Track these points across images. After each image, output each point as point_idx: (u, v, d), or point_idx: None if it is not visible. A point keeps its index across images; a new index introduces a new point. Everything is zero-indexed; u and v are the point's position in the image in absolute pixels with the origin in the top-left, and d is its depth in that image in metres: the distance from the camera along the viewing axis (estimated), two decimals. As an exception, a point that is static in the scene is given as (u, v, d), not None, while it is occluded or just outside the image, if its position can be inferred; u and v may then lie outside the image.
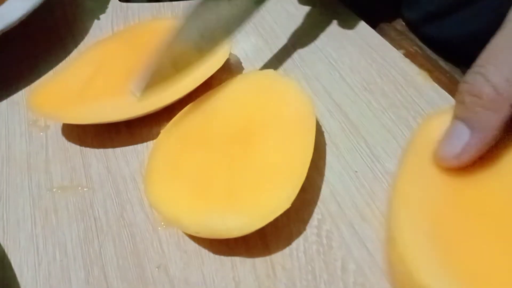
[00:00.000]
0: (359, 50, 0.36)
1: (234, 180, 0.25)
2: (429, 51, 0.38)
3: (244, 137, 0.27)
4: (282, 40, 0.38)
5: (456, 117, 0.23)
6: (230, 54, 0.33)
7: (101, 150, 0.30)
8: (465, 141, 0.23)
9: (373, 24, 0.39)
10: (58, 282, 0.24)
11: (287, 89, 0.29)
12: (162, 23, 0.37)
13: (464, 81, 0.23)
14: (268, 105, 0.28)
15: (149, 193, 0.25)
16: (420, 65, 0.35)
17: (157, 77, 0.27)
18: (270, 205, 0.24)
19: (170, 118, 0.31)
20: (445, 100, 0.32)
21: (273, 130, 0.27)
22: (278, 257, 0.24)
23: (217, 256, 0.24)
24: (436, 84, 0.33)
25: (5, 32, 0.33)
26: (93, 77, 0.31)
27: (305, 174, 0.25)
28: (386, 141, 0.30)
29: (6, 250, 0.25)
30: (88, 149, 0.30)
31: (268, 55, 0.36)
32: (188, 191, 0.25)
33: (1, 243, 0.26)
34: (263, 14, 0.40)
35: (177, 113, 0.31)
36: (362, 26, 0.38)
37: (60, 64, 0.36)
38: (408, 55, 0.37)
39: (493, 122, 0.22)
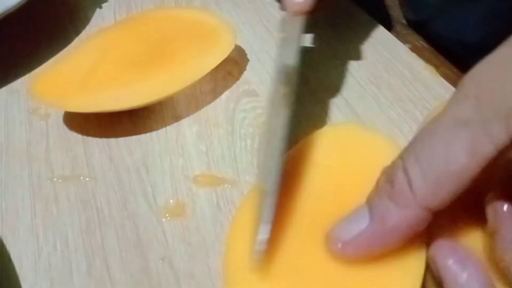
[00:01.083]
0: (366, 44, 0.36)
1: (346, 272, 0.20)
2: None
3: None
4: (287, 32, 0.37)
5: (367, 199, 0.20)
6: (235, 45, 0.32)
7: (104, 139, 0.29)
8: (360, 228, 0.19)
9: (379, 18, 0.39)
10: (59, 273, 0.23)
11: (375, 145, 0.25)
12: (164, 12, 0.36)
13: (390, 163, 0.20)
14: (361, 168, 0.23)
15: None
16: (427, 60, 0.35)
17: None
18: None
19: (174, 110, 0.31)
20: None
21: None
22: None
23: (222, 249, 0.24)
24: (442, 79, 0.33)
25: (4, 17, 0.32)
26: (96, 66, 0.31)
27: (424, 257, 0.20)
28: (393, 136, 0.29)
29: (4, 241, 0.25)
30: (90, 138, 0.29)
31: (273, 47, 0.36)
32: None
33: (0, 233, 0.25)
34: (268, 6, 0.39)
35: (181, 104, 0.31)
36: (368, 20, 0.38)
37: (61, 52, 0.35)
38: (414, 49, 0.36)
39: (395, 217, 0.18)
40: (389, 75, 0.33)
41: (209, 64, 0.31)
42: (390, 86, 0.32)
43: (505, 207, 0.19)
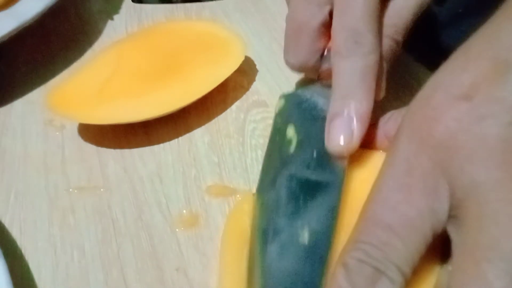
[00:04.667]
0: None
1: None
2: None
3: None
4: (295, 43, 0.38)
5: None
6: (245, 57, 0.33)
7: (118, 150, 0.30)
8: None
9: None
10: (77, 283, 0.24)
11: None
12: (175, 25, 0.37)
13: None
14: None
15: None
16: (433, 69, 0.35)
17: None
18: None
19: (186, 121, 0.31)
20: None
21: None
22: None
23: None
24: (450, 90, 0.33)
25: (20, 31, 0.33)
26: (110, 78, 0.31)
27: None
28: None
29: (23, 251, 0.25)
30: (104, 149, 0.30)
31: (282, 58, 0.36)
32: None
33: (18, 244, 0.26)
34: (276, 17, 0.40)
35: (193, 115, 0.31)
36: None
37: (75, 64, 0.36)
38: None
39: None
40: (397, 85, 0.34)
41: (220, 75, 0.31)
42: (398, 96, 0.33)
43: None
